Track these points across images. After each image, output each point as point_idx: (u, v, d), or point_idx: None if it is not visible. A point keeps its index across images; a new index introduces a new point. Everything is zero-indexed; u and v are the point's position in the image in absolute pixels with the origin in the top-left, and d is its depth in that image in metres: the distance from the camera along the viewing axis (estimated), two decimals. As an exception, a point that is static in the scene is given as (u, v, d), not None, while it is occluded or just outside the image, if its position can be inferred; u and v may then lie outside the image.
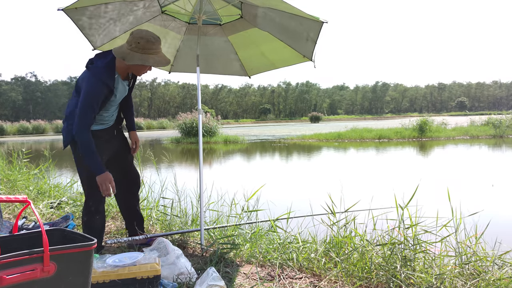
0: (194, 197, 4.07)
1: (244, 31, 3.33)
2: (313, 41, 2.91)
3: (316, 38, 2.87)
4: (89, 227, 2.77)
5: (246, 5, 3.06)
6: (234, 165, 11.35)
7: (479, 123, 24.39)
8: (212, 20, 3.34)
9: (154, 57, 2.55)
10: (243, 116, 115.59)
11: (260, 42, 3.37)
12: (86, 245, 1.59)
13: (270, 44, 3.30)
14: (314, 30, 2.82)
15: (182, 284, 2.33)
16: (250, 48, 3.49)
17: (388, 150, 14.42)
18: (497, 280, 2.29)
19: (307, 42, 2.97)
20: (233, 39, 3.47)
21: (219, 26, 3.42)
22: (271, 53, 3.41)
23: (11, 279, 1.40)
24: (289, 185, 7.60)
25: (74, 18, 2.85)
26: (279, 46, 3.25)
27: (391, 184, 6.80)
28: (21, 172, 6.39)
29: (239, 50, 3.54)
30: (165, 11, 3.24)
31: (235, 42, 3.49)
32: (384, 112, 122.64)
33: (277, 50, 3.32)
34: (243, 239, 3.13)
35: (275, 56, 3.42)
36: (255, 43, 3.40)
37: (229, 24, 3.38)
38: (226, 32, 3.43)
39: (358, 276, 2.47)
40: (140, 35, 2.51)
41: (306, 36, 2.93)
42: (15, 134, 49.15)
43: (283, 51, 3.28)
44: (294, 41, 3.13)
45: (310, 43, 2.95)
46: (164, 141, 23.40)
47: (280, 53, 3.35)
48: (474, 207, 3.29)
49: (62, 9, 2.71)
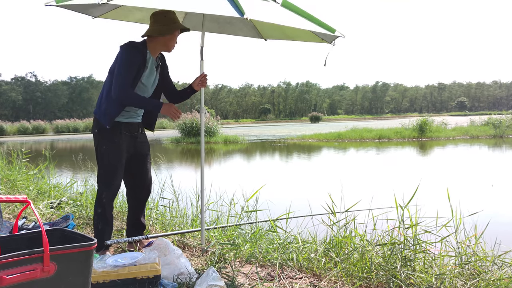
0: (193, 197, 4.07)
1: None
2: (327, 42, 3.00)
3: (331, 41, 2.97)
4: (103, 219, 2.80)
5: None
6: (233, 165, 11.35)
7: (479, 123, 24.39)
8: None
9: (184, 26, 2.82)
10: (243, 116, 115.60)
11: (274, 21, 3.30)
12: (86, 245, 1.59)
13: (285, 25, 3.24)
14: (327, 37, 2.87)
15: (182, 284, 2.33)
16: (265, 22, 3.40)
17: (388, 150, 14.42)
18: (497, 280, 2.29)
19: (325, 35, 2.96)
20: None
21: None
22: (288, 29, 3.28)
23: (11, 279, 1.40)
24: (289, 185, 7.60)
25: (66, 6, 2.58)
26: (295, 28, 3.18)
27: (391, 184, 6.79)
28: (21, 172, 6.39)
29: (253, 20, 3.32)
30: None
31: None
32: (384, 112, 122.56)
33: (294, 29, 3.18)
34: (243, 239, 3.13)
35: (293, 32, 3.29)
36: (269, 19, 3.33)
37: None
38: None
39: (358, 276, 2.47)
40: (163, 13, 2.75)
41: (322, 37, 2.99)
42: (15, 134, 49.12)
43: (300, 30, 3.15)
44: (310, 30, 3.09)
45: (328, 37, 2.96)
46: (164, 141, 23.40)
47: (297, 31, 3.22)
48: (474, 207, 3.29)
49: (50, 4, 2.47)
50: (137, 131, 2.94)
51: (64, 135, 42.57)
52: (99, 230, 2.80)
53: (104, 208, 2.78)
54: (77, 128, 51.14)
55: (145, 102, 2.72)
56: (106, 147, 2.77)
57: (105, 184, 2.79)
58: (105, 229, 2.82)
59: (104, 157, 2.78)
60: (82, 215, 4.07)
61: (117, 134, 2.78)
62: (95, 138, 2.82)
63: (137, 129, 2.94)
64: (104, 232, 2.81)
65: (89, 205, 4.23)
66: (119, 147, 2.78)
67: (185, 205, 4.02)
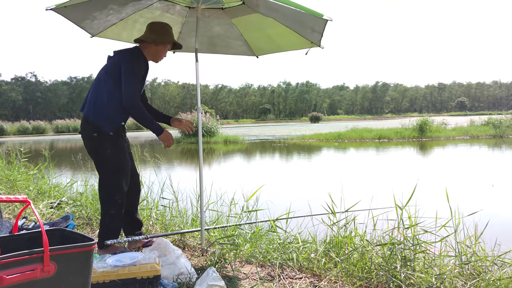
0: (193, 197, 4.07)
1: (248, 15, 3.27)
2: (319, 32, 2.90)
3: (321, 31, 2.86)
4: (116, 219, 2.84)
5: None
6: (233, 165, 11.36)
7: (479, 123, 24.37)
8: (213, 4, 3.29)
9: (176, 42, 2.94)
10: (243, 116, 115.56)
11: (265, 27, 3.30)
12: (86, 245, 1.59)
13: (276, 29, 3.23)
14: (318, 25, 2.81)
15: (182, 284, 2.33)
16: (256, 31, 3.42)
17: (388, 150, 14.42)
18: (496, 280, 2.30)
19: (313, 32, 2.95)
20: (237, 22, 3.39)
21: (221, 10, 3.37)
22: (278, 37, 3.34)
23: (11, 279, 1.40)
24: (289, 185, 7.60)
25: (66, 15, 2.77)
26: (285, 31, 3.19)
27: (391, 184, 6.79)
28: (21, 172, 6.39)
29: (245, 32, 3.46)
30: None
31: (240, 25, 3.42)
32: (384, 112, 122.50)
33: (284, 34, 3.25)
34: (243, 239, 3.13)
35: (283, 40, 3.35)
36: (260, 27, 3.34)
37: (232, 8, 3.30)
38: (229, 15, 3.33)
39: (358, 276, 2.47)
40: (161, 24, 2.89)
41: (312, 28, 2.92)
42: (15, 134, 49.13)
43: (290, 36, 3.22)
44: (300, 29, 3.07)
45: (316, 34, 2.94)
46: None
47: (287, 38, 3.28)
48: (474, 207, 3.29)
49: (51, 9, 2.60)
50: (124, 131, 3.01)
51: (64, 135, 42.57)
52: (110, 230, 2.84)
53: (119, 209, 2.83)
54: (77, 128, 51.03)
55: (150, 122, 2.75)
56: (111, 151, 2.78)
57: (117, 186, 2.81)
58: (118, 229, 2.88)
59: (111, 161, 2.79)
60: (82, 215, 4.07)
61: (119, 137, 2.84)
62: (95, 142, 2.78)
63: (124, 130, 3.00)
64: (115, 232, 2.86)
65: (89, 205, 4.23)
66: (123, 149, 2.85)
67: (185, 205, 4.02)
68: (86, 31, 3.09)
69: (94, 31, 3.14)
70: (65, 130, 51.65)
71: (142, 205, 4.14)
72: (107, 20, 3.10)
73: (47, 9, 2.60)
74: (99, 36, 3.21)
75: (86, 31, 3.09)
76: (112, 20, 3.13)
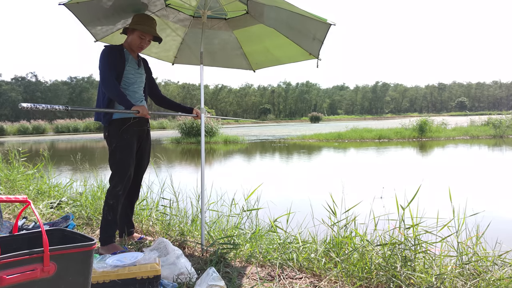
0: (194, 197, 4.07)
1: (250, 26, 3.32)
2: (319, 41, 2.90)
3: (323, 38, 2.87)
4: (114, 210, 2.92)
5: (252, 2, 3.04)
6: (234, 165, 11.35)
7: (479, 123, 24.38)
8: (217, 14, 3.32)
9: (147, 28, 2.90)
10: (243, 116, 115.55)
11: (265, 38, 3.35)
12: (86, 245, 1.59)
13: (276, 40, 3.28)
14: (321, 31, 2.82)
15: (182, 284, 2.33)
16: (255, 43, 3.47)
17: (388, 150, 14.41)
18: (497, 280, 2.29)
19: (314, 41, 2.95)
20: (238, 34, 3.45)
21: (224, 20, 3.39)
22: (277, 49, 3.39)
23: (11, 279, 1.40)
24: (289, 185, 7.60)
25: (76, 12, 2.81)
26: (285, 42, 3.23)
27: (391, 184, 6.79)
28: (20, 172, 6.38)
29: (244, 44, 3.52)
30: (169, 4, 3.23)
31: (240, 37, 3.47)
32: (384, 112, 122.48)
33: (282, 46, 3.30)
34: (243, 239, 3.13)
35: (281, 52, 3.40)
36: (260, 38, 3.38)
37: (234, 19, 3.34)
38: (231, 26, 3.40)
39: (358, 276, 2.47)
40: (146, 15, 2.96)
41: (313, 36, 2.92)
42: (15, 134, 49.12)
43: (289, 47, 3.26)
44: (300, 39, 3.10)
45: (317, 43, 2.94)
46: (164, 141, 23.39)
47: (285, 50, 3.33)
48: (475, 207, 3.29)
49: (63, 4, 2.67)
50: (143, 128, 3.09)
51: (64, 135, 42.56)
52: (108, 221, 2.91)
53: (118, 199, 2.91)
54: (77, 128, 51.12)
55: (121, 96, 2.79)
56: (116, 144, 2.91)
57: (119, 178, 2.91)
58: (115, 220, 2.94)
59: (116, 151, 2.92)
60: (82, 215, 4.06)
61: (125, 130, 2.91)
62: (106, 139, 2.98)
63: (144, 125, 3.09)
64: (113, 223, 2.93)
65: (89, 205, 4.23)
66: (128, 142, 2.93)
67: (185, 205, 4.02)
68: (91, 34, 3.13)
69: (98, 36, 3.21)
70: (65, 130, 51.61)
71: (142, 205, 4.14)
72: (113, 27, 3.18)
73: (59, 4, 2.68)
74: (102, 41, 3.25)
75: (91, 34, 3.13)
76: (117, 26, 3.17)
